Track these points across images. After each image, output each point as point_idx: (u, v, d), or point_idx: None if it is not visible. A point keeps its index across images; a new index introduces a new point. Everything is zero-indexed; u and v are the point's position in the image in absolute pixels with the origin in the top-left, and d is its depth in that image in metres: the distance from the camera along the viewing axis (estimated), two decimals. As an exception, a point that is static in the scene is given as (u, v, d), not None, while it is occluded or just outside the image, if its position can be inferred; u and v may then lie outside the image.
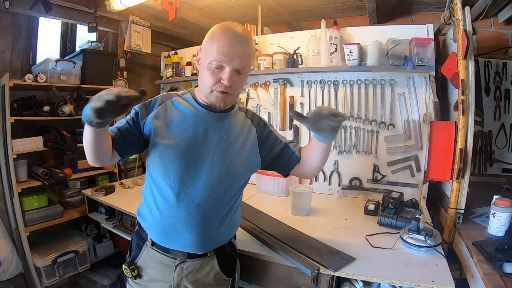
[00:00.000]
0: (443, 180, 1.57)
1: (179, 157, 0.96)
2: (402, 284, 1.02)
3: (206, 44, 0.94)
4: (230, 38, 0.90)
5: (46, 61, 2.04)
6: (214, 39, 0.90)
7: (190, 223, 0.97)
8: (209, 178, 0.98)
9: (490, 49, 2.08)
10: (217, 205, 1.01)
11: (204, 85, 0.95)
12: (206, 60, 0.91)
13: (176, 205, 0.96)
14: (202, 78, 0.95)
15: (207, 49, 0.93)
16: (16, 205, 1.91)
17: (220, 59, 0.89)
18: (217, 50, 0.89)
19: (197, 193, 0.97)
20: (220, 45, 0.89)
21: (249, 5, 2.37)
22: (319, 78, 1.96)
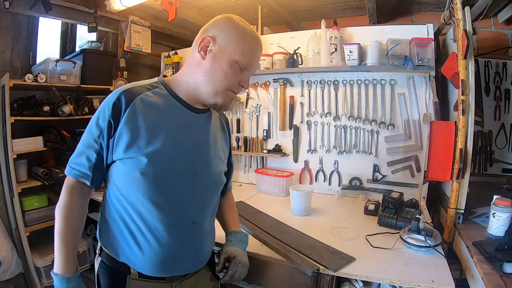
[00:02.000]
0: (443, 180, 1.57)
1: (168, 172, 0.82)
2: (402, 284, 1.02)
3: (231, 37, 0.83)
4: (257, 42, 0.87)
5: (46, 61, 2.04)
6: (244, 37, 0.83)
7: (188, 245, 0.87)
8: (202, 191, 0.90)
9: (490, 49, 2.08)
10: (208, 217, 0.94)
11: (218, 81, 0.83)
12: (231, 56, 0.82)
13: (172, 230, 0.83)
14: (217, 73, 0.83)
15: (233, 44, 0.82)
16: (16, 205, 1.91)
17: (249, 62, 0.85)
18: (249, 50, 0.84)
19: (192, 209, 0.88)
20: (252, 46, 0.85)
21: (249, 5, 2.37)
22: (319, 78, 1.96)
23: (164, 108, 0.85)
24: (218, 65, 0.82)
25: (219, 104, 0.87)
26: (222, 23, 0.85)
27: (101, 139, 0.81)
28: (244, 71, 0.85)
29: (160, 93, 0.86)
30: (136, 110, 0.81)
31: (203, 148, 0.91)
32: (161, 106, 0.84)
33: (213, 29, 0.84)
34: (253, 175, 2.19)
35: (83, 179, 0.84)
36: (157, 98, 0.85)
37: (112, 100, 0.80)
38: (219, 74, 0.83)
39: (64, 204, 0.85)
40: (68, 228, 0.84)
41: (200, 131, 0.91)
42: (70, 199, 0.86)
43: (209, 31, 0.84)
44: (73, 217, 0.85)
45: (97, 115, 0.82)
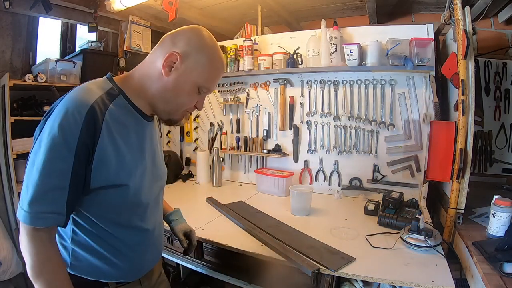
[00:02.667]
0: (443, 180, 1.57)
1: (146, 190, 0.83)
2: (402, 284, 1.02)
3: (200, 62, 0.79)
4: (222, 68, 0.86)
5: (46, 61, 2.04)
6: (213, 65, 0.82)
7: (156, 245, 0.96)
8: (160, 194, 0.96)
9: (490, 49, 2.08)
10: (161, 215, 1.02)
11: (177, 102, 0.82)
12: (196, 80, 0.80)
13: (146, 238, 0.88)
14: (178, 94, 0.80)
15: (201, 68, 0.79)
16: (16, 205, 1.91)
17: (210, 87, 0.84)
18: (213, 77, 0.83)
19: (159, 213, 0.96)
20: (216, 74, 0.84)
21: (249, 5, 2.37)
22: (319, 78, 1.96)
23: (128, 123, 0.79)
24: (181, 86, 0.79)
25: (173, 120, 0.86)
26: (195, 40, 0.79)
27: (77, 168, 0.68)
28: (203, 94, 0.84)
29: (120, 104, 0.78)
30: (110, 128, 0.73)
31: (156, 155, 0.92)
32: (126, 121, 0.79)
33: (183, 45, 0.78)
34: (253, 175, 2.19)
35: (55, 224, 0.69)
36: (120, 111, 0.77)
37: (82, 117, 0.67)
38: (180, 94, 0.80)
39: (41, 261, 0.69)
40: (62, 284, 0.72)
41: (153, 138, 0.90)
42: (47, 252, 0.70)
43: (178, 45, 0.78)
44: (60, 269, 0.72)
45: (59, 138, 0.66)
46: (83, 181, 0.71)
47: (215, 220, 1.50)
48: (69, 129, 0.66)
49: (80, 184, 0.70)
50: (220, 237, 1.31)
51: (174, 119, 0.85)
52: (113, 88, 0.79)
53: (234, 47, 2.13)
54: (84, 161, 0.69)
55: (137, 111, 0.82)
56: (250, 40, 2.06)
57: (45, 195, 0.66)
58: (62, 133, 0.66)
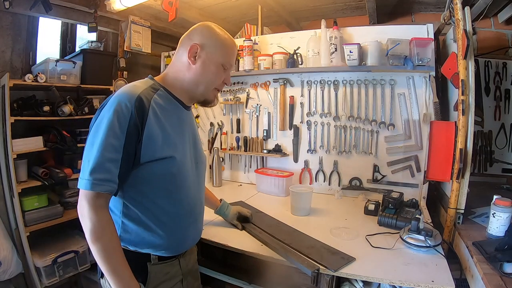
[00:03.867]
0: (443, 180, 1.57)
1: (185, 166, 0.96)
2: (402, 284, 1.02)
3: (215, 45, 0.98)
4: (235, 45, 1.05)
5: (46, 61, 2.04)
6: (226, 44, 1.00)
7: (196, 224, 1.05)
8: (201, 176, 1.09)
9: (490, 49, 2.08)
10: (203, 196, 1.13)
11: (207, 82, 0.99)
12: (218, 59, 0.98)
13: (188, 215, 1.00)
14: (207, 75, 0.98)
15: (218, 50, 0.98)
16: (16, 205, 1.91)
17: (230, 62, 1.02)
18: (230, 54, 1.01)
19: (199, 194, 1.07)
20: (232, 50, 1.02)
21: (249, 5, 2.37)
22: (319, 78, 1.96)
23: (170, 109, 0.95)
24: (208, 69, 0.97)
25: (208, 100, 1.03)
26: (206, 31, 0.98)
27: (128, 145, 0.83)
28: (227, 70, 1.02)
29: (162, 95, 0.94)
30: (156, 112, 0.89)
31: (196, 140, 1.08)
32: (168, 107, 0.94)
33: (199, 37, 0.97)
34: (253, 175, 2.19)
35: (110, 190, 0.82)
36: (163, 100, 0.94)
37: (132, 104, 0.83)
38: (209, 76, 0.98)
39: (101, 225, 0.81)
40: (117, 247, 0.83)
41: (192, 125, 1.07)
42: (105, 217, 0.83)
43: (195, 39, 0.97)
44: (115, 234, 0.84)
45: (115, 121, 0.81)
46: (133, 157, 0.85)
47: (215, 220, 1.50)
48: (122, 114, 0.82)
49: (130, 159, 0.84)
50: (220, 237, 1.31)
51: (208, 99, 1.03)
52: (155, 84, 0.96)
53: (234, 47, 2.13)
54: (134, 140, 0.84)
55: (176, 100, 0.99)
56: (250, 40, 2.06)
57: (103, 165, 0.80)
58: (117, 117, 0.81)
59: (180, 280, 1.02)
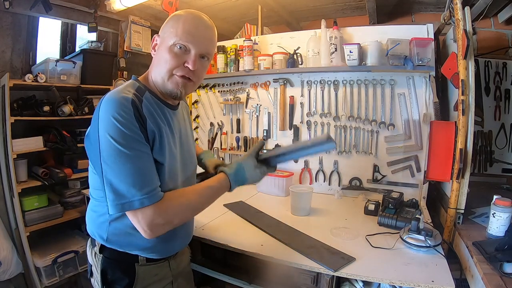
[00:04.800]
0: (443, 180, 1.57)
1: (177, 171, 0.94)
2: (402, 284, 1.02)
3: (168, 26, 0.89)
4: (197, 20, 0.89)
5: (46, 61, 2.04)
6: (180, 20, 0.87)
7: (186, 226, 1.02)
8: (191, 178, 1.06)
9: (490, 49, 2.08)
10: None
11: (161, 70, 0.87)
12: (168, 42, 0.86)
13: None
14: (159, 63, 0.88)
15: (169, 30, 0.87)
16: (16, 205, 1.91)
17: (186, 39, 0.85)
18: (183, 30, 0.85)
19: None
20: (187, 25, 0.86)
21: (249, 5, 2.38)
22: (319, 78, 1.96)
23: (157, 112, 0.89)
24: (158, 55, 0.89)
25: (170, 91, 0.89)
26: (169, 19, 0.91)
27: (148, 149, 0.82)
28: (188, 52, 0.86)
29: (148, 98, 0.88)
30: (149, 116, 0.84)
31: (187, 142, 1.02)
32: (156, 111, 0.89)
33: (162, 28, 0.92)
34: (253, 175, 2.18)
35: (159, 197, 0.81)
36: (150, 103, 0.87)
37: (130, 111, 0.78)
38: (160, 62, 0.88)
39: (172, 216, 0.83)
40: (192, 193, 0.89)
41: (181, 126, 1.00)
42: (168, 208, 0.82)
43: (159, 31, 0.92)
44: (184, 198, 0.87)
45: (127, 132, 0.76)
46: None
47: (215, 220, 1.50)
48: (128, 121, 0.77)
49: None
50: (220, 237, 1.31)
51: (169, 89, 0.89)
52: (139, 86, 0.89)
53: (234, 47, 2.13)
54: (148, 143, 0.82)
55: (161, 101, 0.92)
56: (250, 40, 2.06)
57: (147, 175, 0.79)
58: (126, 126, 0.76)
59: (170, 282, 0.99)
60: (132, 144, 0.77)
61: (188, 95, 2.43)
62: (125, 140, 0.76)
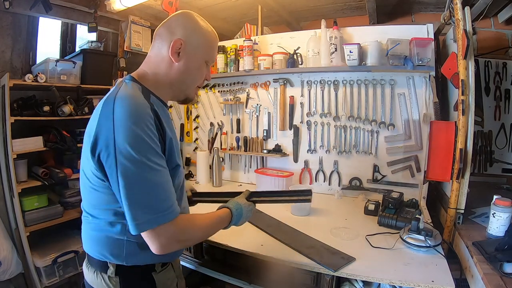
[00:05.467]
0: (443, 180, 1.57)
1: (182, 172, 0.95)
2: (402, 284, 1.02)
3: (200, 40, 0.90)
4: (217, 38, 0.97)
5: (46, 61, 2.04)
6: (209, 39, 0.93)
7: None
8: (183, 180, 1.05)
9: (490, 49, 2.08)
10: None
11: (191, 81, 0.93)
12: (201, 57, 0.92)
13: None
14: (191, 73, 0.91)
15: (203, 45, 0.91)
16: (16, 205, 1.91)
17: (213, 58, 0.97)
18: (213, 49, 0.96)
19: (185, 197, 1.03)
20: (214, 45, 0.96)
21: (249, 5, 2.37)
22: (319, 78, 1.96)
23: (163, 113, 0.87)
24: (192, 66, 0.90)
25: (189, 98, 0.97)
26: (190, 25, 0.89)
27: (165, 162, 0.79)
28: (208, 66, 0.97)
29: (154, 100, 0.86)
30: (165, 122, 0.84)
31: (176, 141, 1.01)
32: (163, 113, 0.87)
33: (181, 31, 0.88)
34: (253, 175, 2.19)
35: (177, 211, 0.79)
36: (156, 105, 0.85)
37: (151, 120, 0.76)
38: (193, 74, 0.92)
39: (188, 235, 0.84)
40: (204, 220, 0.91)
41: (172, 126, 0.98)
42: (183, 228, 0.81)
43: (177, 33, 0.87)
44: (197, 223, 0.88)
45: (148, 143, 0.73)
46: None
47: (215, 220, 1.50)
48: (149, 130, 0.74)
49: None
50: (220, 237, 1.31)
51: (190, 98, 0.97)
52: (143, 89, 0.85)
53: (234, 47, 2.13)
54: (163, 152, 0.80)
55: (162, 102, 0.91)
56: (250, 40, 2.06)
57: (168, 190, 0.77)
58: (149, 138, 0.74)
59: (176, 283, 0.98)
60: (154, 158, 0.74)
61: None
62: (148, 154, 0.73)
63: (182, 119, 2.49)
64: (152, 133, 0.75)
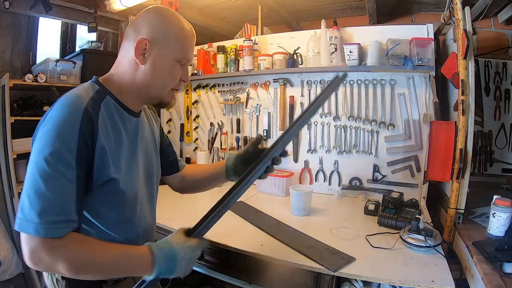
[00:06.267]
0: (443, 180, 1.57)
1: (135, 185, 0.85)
2: (402, 284, 1.02)
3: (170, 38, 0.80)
4: (193, 34, 0.86)
5: (46, 61, 2.04)
6: (183, 36, 0.82)
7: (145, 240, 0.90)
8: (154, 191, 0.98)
9: (490, 49, 2.08)
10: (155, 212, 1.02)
11: (161, 84, 0.82)
12: (172, 56, 0.81)
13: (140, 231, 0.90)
14: (160, 76, 0.81)
15: (173, 44, 0.80)
16: (16, 205, 1.91)
17: (188, 56, 0.84)
18: (187, 46, 0.83)
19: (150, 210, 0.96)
20: (189, 42, 0.84)
21: (249, 5, 2.37)
22: (319, 78, 1.96)
23: (118, 121, 0.81)
24: (161, 68, 0.81)
25: (163, 103, 0.87)
26: (157, 21, 0.80)
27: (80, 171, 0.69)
28: (184, 66, 0.85)
29: (109, 104, 0.79)
30: (103, 129, 0.74)
31: (149, 152, 0.94)
32: (116, 119, 0.80)
33: (147, 29, 0.79)
34: (253, 175, 2.18)
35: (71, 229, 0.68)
36: (110, 110, 0.79)
37: (78, 121, 0.68)
38: (163, 76, 0.82)
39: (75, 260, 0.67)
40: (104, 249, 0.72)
41: (144, 135, 0.92)
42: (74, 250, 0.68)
43: (142, 31, 0.79)
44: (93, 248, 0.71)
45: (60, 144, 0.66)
46: (85, 184, 0.72)
47: (215, 220, 1.50)
48: (68, 135, 0.67)
49: (83, 187, 0.71)
50: (220, 237, 1.31)
51: (164, 102, 0.87)
52: (99, 90, 0.79)
53: (234, 47, 2.13)
54: (85, 163, 0.70)
55: (124, 108, 0.83)
56: (250, 40, 2.06)
57: (55, 204, 0.65)
58: (62, 140, 0.67)
59: None
60: (59, 165, 0.65)
61: (188, 95, 2.43)
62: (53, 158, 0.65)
63: (182, 119, 2.49)
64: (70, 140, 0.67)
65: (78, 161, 0.68)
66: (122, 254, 0.72)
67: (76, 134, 0.67)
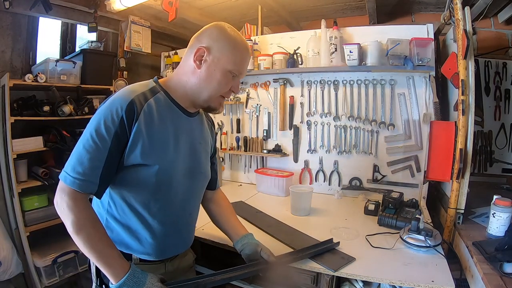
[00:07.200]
0: (443, 180, 1.57)
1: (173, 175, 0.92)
2: (402, 284, 1.02)
3: (224, 49, 0.91)
4: (248, 51, 0.97)
5: (46, 61, 2.04)
6: (236, 49, 0.92)
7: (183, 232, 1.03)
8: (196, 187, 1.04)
9: (490, 49, 2.08)
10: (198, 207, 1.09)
11: (209, 89, 0.92)
12: (224, 65, 0.91)
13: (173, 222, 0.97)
14: (211, 81, 0.91)
15: (227, 55, 0.91)
16: (16, 205, 1.91)
17: (241, 70, 0.94)
18: (240, 60, 0.94)
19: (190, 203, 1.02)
20: (242, 56, 0.94)
21: (249, 5, 2.37)
22: (319, 78, 1.96)
23: (166, 114, 0.91)
24: (213, 75, 0.91)
25: (211, 107, 0.97)
26: (216, 33, 0.92)
27: (113, 147, 0.81)
28: (235, 78, 0.95)
29: (161, 99, 0.91)
30: (146, 118, 0.85)
31: (197, 149, 1.01)
32: (164, 112, 0.90)
33: (207, 39, 0.91)
34: (253, 175, 2.19)
35: (89, 191, 0.82)
36: (160, 105, 0.90)
37: (122, 108, 0.82)
38: (213, 82, 0.92)
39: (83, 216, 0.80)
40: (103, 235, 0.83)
41: (194, 133, 1.01)
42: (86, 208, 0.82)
43: (203, 41, 0.91)
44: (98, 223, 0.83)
45: (104, 123, 0.81)
46: (117, 160, 0.84)
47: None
48: (111, 118, 0.81)
49: (114, 162, 0.83)
50: (220, 237, 1.31)
51: (212, 106, 0.97)
52: (155, 86, 0.93)
53: (234, 47, 2.13)
54: (120, 144, 0.83)
55: (176, 105, 0.94)
56: (250, 40, 2.06)
57: (84, 164, 0.80)
58: (105, 121, 0.81)
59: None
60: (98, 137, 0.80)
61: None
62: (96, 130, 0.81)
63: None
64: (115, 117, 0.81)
65: (114, 137, 0.81)
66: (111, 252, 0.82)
67: (119, 118, 0.81)
